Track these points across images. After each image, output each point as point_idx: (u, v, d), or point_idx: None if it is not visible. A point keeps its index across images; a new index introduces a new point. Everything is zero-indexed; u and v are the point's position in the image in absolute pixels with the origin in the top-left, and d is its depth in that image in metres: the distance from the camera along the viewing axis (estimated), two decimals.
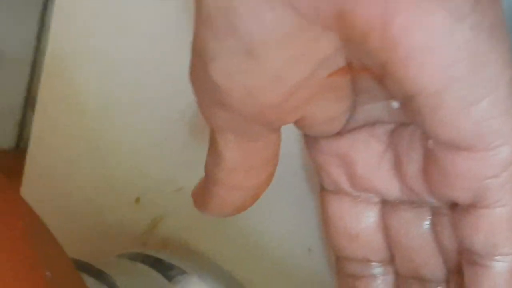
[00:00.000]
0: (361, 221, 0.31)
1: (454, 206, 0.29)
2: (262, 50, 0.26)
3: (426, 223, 0.30)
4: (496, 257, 0.28)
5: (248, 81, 0.27)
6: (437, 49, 0.24)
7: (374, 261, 0.32)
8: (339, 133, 0.30)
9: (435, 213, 0.30)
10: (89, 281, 0.33)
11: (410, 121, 0.28)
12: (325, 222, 0.32)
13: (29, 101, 0.66)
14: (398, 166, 0.30)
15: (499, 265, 0.28)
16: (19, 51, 0.63)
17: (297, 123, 0.29)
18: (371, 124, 0.30)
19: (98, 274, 0.38)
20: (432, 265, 0.31)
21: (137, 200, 0.47)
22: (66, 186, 0.50)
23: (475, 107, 0.25)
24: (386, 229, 0.31)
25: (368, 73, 0.27)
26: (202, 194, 0.32)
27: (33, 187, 0.34)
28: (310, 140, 0.31)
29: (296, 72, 0.26)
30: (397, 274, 0.32)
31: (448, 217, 0.29)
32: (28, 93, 0.66)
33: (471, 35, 0.24)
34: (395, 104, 0.28)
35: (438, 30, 0.24)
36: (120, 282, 0.38)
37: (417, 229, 0.30)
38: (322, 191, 0.32)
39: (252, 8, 0.25)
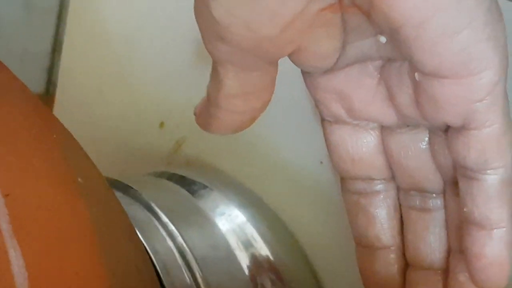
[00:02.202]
0: (362, 146, 0.32)
1: (447, 128, 0.30)
2: None
3: (424, 144, 0.31)
4: (488, 171, 0.29)
5: (247, 16, 0.27)
6: None
7: (377, 179, 0.33)
8: (333, 70, 0.31)
9: (431, 134, 0.31)
10: (118, 195, 0.34)
11: (397, 55, 0.29)
12: (329, 148, 0.33)
13: (56, 47, 0.67)
14: (391, 97, 0.31)
15: (490, 178, 0.29)
16: None
17: (292, 57, 0.30)
18: (362, 61, 0.30)
19: (126, 189, 0.40)
20: (430, 179, 0.32)
21: (162, 124, 0.48)
22: (95, 115, 0.51)
23: (457, 35, 0.26)
24: (386, 151, 0.32)
25: (357, 9, 0.28)
26: (204, 114, 0.33)
27: (63, 117, 0.36)
28: (308, 77, 0.32)
29: (291, 6, 0.27)
30: (398, 189, 0.33)
31: (443, 137, 0.30)
32: (55, 39, 0.67)
33: None
34: (382, 39, 0.29)
35: None
36: (147, 196, 0.39)
37: (415, 149, 0.32)
38: (323, 121, 0.33)
39: None
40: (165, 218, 0.40)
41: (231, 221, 0.42)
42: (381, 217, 0.33)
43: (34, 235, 0.28)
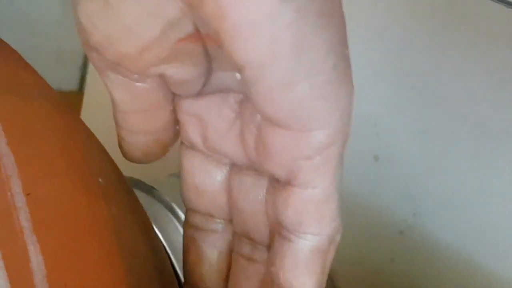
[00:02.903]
0: (209, 179, 0.32)
1: (276, 180, 0.29)
2: (116, 1, 0.27)
3: (263, 192, 0.31)
4: (301, 235, 0.28)
5: (105, 27, 0.28)
6: (261, 26, 0.25)
7: (217, 217, 0.32)
8: (198, 95, 0.31)
9: (269, 183, 0.30)
10: (141, 195, 0.34)
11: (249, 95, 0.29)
12: (180, 174, 0.33)
13: None
14: (241, 134, 0.30)
15: (302, 243, 0.28)
16: None
17: (161, 79, 0.30)
18: (225, 91, 0.30)
19: (148, 190, 0.40)
20: (261, 230, 0.31)
21: None
22: None
23: (293, 88, 0.26)
24: (229, 190, 0.32)
25: (212, 42, 0.28)
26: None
27: (89, 121, 0.36)
28: (175, 98, 0.31)
29: (147, 29, 0.27)
30: (234, 234, 0.32)
31: (276, 189, 0.30)
32: None
33: (295, 17, 0.25)
34: (238, 75, 0.29)
35: (263, 8, 0.25)
36: (169, 197, 0.39)
37: (254, 195, 0.31)
38: (181, 144, 0.32)
39: None
40: None
41: None
42: (211, 258, 0.32)
43: (53, 233, 0.28)
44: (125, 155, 0.32)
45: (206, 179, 0.32)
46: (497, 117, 0.40)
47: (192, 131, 0.31)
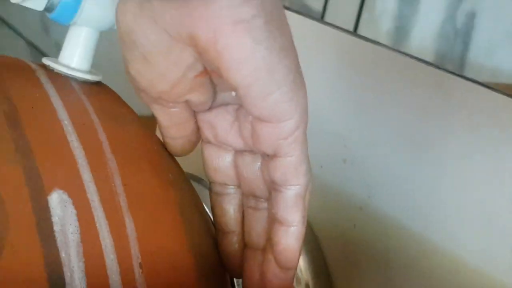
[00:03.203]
0: (221, 161, 0.32)
1: (267, 155, 0.30)
2: (152, 58, 0.28)
3: (258, 164, 0.31)
4: (287, 187, 0.29)
5: (147, 76, 0.29)
6: (245, 62, 0.27)
7: (229, 185, 0.32)
8: (209, 109, 0.31)
9: (261, 158, 0.31)
10: (195, 184, 0.35)
11: (242, 104, 0.29)
12: (202, 160, 0.33)
13: None
14: (240, 130, 0.31)
15: (289, 191, 0.29)
16: None
17: (187, 103, 0.30)
18: (225, 104, 0.31)
19: (199, 180, 0.41)
20: (261, 189, 0.31)
21: None
22: None
23: (269, 96, 0.27)
24: (236, 166, 0.32)
25: (215, 74, 0.29)
26: None
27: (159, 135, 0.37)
28: (196, 113, 0.32)
29: (174, 73, 0.29)
30: (242, 193, 0.32)
31: (267, 161, 0.30)
32: None
33: (266, 53, 0.27)
34: (233, 93, 0.30)
35: (245, 49, 0.27)
36: None
37: (253, 167, 0.31)
38: (202, 141, 0.33)
39: (144, 31, 0.28)
40: None
41: None
42: (229, 211, 0.32)
43: (141, 210, 0.29)
44: (171, 152, 0.32)
45: (220, 161, 0.32)
46: (425, 125, 0.39)
47: (207, 132, 0.32)
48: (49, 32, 1.15)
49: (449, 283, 0.36)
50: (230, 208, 0.32)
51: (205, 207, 0.33)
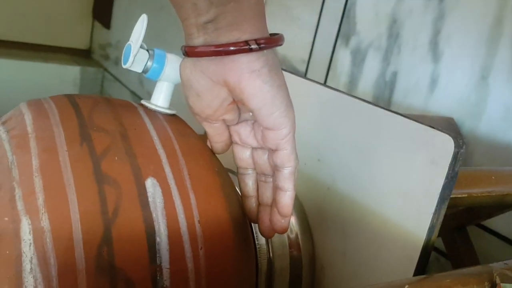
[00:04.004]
0: (244, 154, 0.31)
1: (271, 149, 0.29)
2: (201, 94, 0.28)
3: (266, 155, 0.30)
4: (284, 168, 0.29)
5: (199, 105, 0.28)
6: (258, 94, 0.26)
7: (249, 168, 0.31)
8: (236, 124, 0.30)
9: (269, 151, 0.30)
10: (230, 175, 0.33)
11: (255, 120, 0.28)
12: (233, 155, 0.31)
13: None
14: (255, 135, 0.30)
15: (285, 170, 0.29)
16: None
17: (223, 122, 0.29)
18: (246, 120, 0.30)
19: (233, 172, 0.37)
20: (268, 170, 0.30)
21: None
22: None
23: (273, 114, 0.27)
24: (253, 157, 0.31)
25: (240, 103, 0.28)
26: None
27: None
28: (228, 126, 0.30)
29: (215, 103, 0.28)
30: (257, 173, 0.31)
31: (272, 153, 0.29)
32: None
33: (269, 89, 0.26)
34: (250, 114, 0.29)
35: (256, 87, 0.26)
36: None
37: (263, 157, 0.30)
38: (233, 143, 0.31)
39: (196, 79, 0.27)
40: None
41: None
42: (249, 184, 0.31)
43: (199, 190, 0.28)
44: (215, 152, 0.31)
45: (243, 154, 0.31)
46: (366, 138, 0.36)
47: (235, 137, 0.30)
48: (144, 85, 1.16)
49: (378, 231, 0.35)
50: (250, 182, 0.31)
51: (236, 187, 0.33)
